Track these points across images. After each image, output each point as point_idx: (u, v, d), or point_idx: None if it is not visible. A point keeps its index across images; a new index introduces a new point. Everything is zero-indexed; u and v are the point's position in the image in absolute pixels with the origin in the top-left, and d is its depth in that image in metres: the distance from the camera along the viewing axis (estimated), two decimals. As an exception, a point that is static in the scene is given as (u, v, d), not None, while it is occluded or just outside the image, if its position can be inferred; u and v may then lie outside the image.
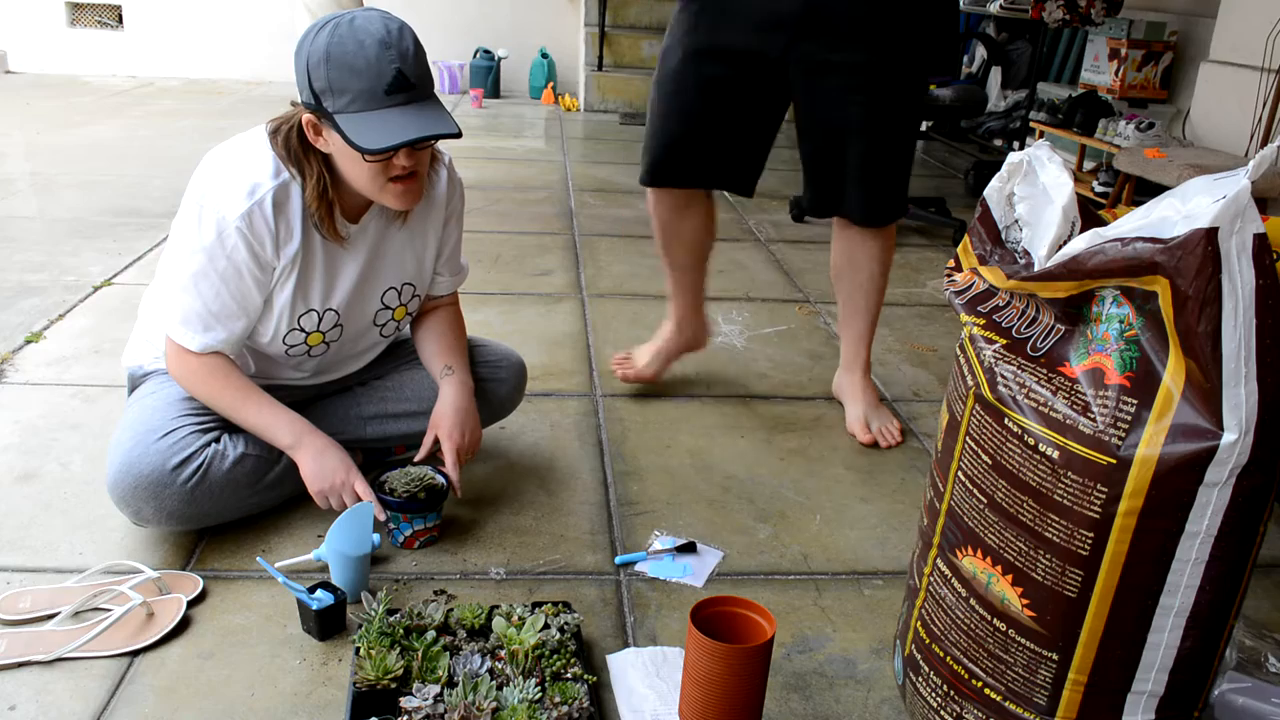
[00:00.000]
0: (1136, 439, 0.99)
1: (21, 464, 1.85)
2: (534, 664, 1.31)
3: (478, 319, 2.64)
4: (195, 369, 1.57)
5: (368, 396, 1.82)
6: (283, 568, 1.50)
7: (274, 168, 1.50)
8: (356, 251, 1.63)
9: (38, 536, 1.63)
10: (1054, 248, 1.08)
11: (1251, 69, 3.67)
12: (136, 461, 1.51)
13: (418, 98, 1.42)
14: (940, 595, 1.23)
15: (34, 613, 1.42)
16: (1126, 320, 1.02)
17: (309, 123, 1.46)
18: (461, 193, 1.77)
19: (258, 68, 7.13)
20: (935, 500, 1.25)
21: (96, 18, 7.19)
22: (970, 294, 1.18)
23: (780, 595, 1.60)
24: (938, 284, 3.32)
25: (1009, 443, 1.09)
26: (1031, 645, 1.11)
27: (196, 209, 1.50)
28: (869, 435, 2.11)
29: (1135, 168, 3.63)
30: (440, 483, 1.65)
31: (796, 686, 1.39)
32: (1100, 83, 4.50)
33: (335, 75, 1.38)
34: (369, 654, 1.29)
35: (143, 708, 1.28)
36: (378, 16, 1.41)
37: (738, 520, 1.79)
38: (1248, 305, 0.93)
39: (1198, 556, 1.01)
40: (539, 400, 2.22)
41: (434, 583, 1.57)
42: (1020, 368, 1.10)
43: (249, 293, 1.54)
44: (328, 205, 1.52)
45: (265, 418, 1.60)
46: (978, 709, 1.18)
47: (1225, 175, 0.97)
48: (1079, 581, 1.05)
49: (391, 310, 1.73)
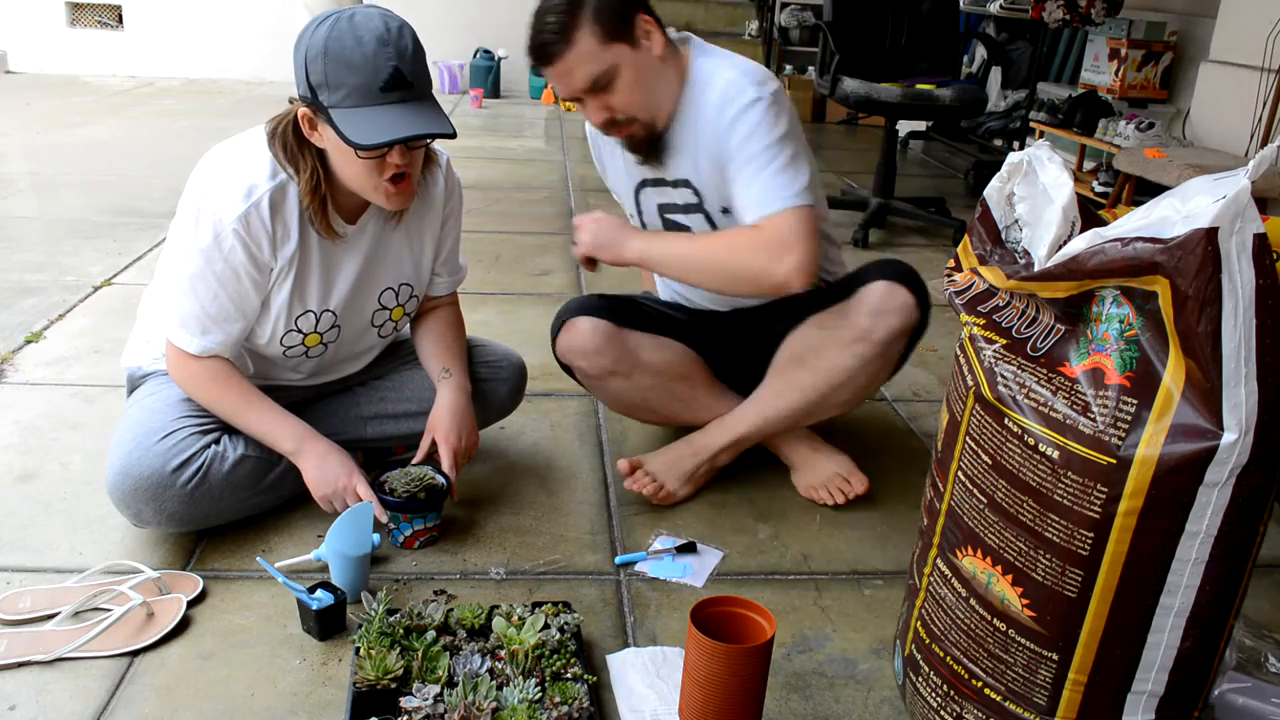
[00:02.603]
0: (1136, 439, 0.99)
1: (21, 464, 1.85)
2: (534, 664, 1.31)
3: (478, 319, 2.64)
4: (195, 373, 1.57)
5: (367, 397, 1.82)
6: (283, 568, 1.50)
7: (271, 169, 1.50)
8: (354, 252, 1.62)
9: (38, 536, 1.63)
10: (1054, 248, 1.08)
11: (1251, 69, 3.66)
12: (136, 463, 1.51)
13: (414, 96, 1.42)
14: (940, 595, 1.23)
15: (34, 613, 1.42)
16: (1126, 320, 1.02)
17: (305, 116, 1.46)
18: (459, 193, 1.77)
19: (257, 67, 7.13)
20: (935, 500, 1.25)
21: (96, 18, 7.19)
22: (970, 294, 1.18)
23: (780, 595, 1.60)
24: (938, 284, 3.32)
25: (1009, 443, 1.09)
26: (1031, 645, 1.11)
27: (194, 211, 1.50)
28: (826, 497, 1.84)
29: (1135, 168, 3.63)
30: (440, 483, 1.65)
31: (796, 686, 1.39)
32: (1100, 83, 4.50)
33: (332, 70, 1.38)
34: (369, 654, 1.29)
35: (143, 708, 1.28)
36: (378, 14, 1.41)
37: (738, 520, 1.79)
38: (1248, 305, 0.93)
39: (1198, 556, 1.01)
40: (539, 400, 2.22)
41: (434, 583, 1.57)
42: (1020, 368, 1.10)
43: (246, 295, 1.54)
44: (321, 201, 1.52)
45: (267, 423, 1.60)
46: (978, 709, 1.18)
47: (1225, 175, 0.97)
48: (1079, 581, 1.05)
49: (389, 311, 1.73)
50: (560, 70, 1.60)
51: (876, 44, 3.90)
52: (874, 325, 1.68)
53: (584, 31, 1.57)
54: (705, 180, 1.72)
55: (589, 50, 1.58)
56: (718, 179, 1.69)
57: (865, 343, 1.69)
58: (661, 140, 1.71)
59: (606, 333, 1.78)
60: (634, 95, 1.63)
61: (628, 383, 1.82)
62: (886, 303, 1.68)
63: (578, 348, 1.79)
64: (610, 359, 1.79)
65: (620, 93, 1.62)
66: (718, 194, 1.73)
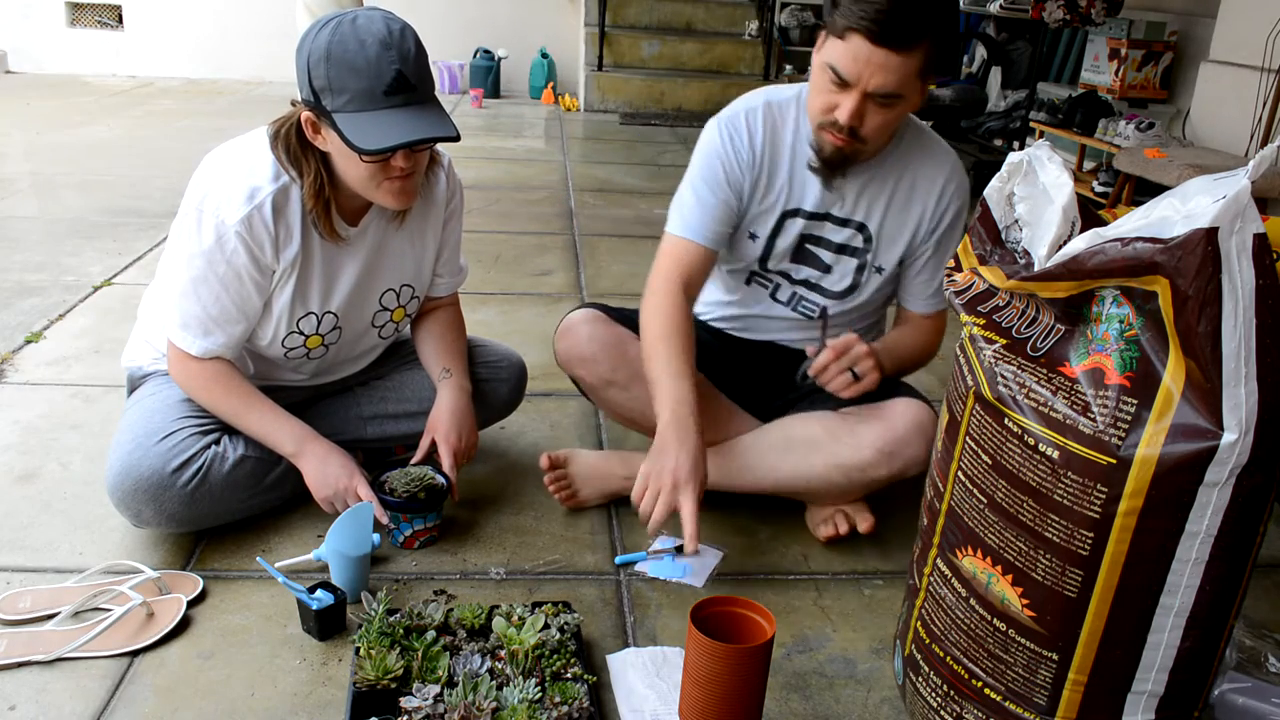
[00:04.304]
0: (1136, 439, 0.99)
1: (21, 464, 1.85)
2: (534, 664, 1.31)
3: (478, 319, 2.64)
4: (197, 374, 1.57)
5: (368, 397, 1.82)
6: (283, 568, 1.50)
7: (273, 171, 1.50)
8: (355, 254, 1.62)
9: (38, 536, 1.63)
10: (1054, 248, 1.08)
11: (1251, 69, 3.67)
12: (136, 464, 1.51)
13: (417, 99, 1.42)
14: (940, 595, 1.23)
15: (34, 613, 1.42)
16: (1126, 320, 1.02)
17: (308, 120, 1.46)
18: (461, 193, 1.77)
19: (257, 68, 7.12)
20: (935, 500, 1.25)
21: (96, 18, 7.19)
22: (970, 294, 1.18)
23: (780, 595, 1.60)
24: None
25: (1009, 443, 1.09)
26: (1031, 645, 1.11)
27: (196, 213, 1.49)
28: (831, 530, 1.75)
29: (1135, 168, 3.63)
30: (440, 483, 1.65)
31: (796, 686, 1.39)
32: (1100, 83, 4.50)
33: (335, 74, 1.38)
34: (369, 654, 1.29)
35: (143, 708, 1.28)
36: (380, 17, 1.41)
37: (738, 520, 1.79)
38: (1248, 305, 0.93)
39: (1198, 556, 1.01)
40: (539, 400, 2.21)
41: (434, 583, 1.57)
42: (1020, 368, 1.10)
43: (249, 297, 1.54)
44: (324, 204, 1.52)
45: (267, 424, 1.60)
46: (978, 709, 1.18)
47: (1225, 175, 0.97)
48: (1079, 581, 1.05)
49: (390, 312, 1.73)
50: (882, 59, 1.43)
51: (876, 44, 3.89)
52: (877, 463, 1.63)
53: (925, 50, 1.46)
54: (888, 234, 1.69)
55: (915, 69, 1.46)
56: (900, 244, 1.69)
57: (861, 472, 1.64)
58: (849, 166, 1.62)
59: (604, 339, 1.74)
60: (889, 127, 1.55)
61: (626, 394, 1.75)
62: (903, 448, 1.61)
63: (575, 354, 1.76)
64: (607, 367, 1.74)
65: (887, 116, 1.51)
66: (889, 253, 1.70)
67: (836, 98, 1.50)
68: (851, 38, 1.44)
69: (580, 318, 1.76)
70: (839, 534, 1.72)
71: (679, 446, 1.47)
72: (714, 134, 1.66)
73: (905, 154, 1.66)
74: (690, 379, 1.56)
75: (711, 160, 1.65)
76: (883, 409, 1.65)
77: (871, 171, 1.65)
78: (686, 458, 1.46)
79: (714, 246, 1.67)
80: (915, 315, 1.77)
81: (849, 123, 1.50)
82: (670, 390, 1.53)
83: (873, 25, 1.41)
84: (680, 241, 1.66)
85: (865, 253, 1.70)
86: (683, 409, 1.51)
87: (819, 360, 1.59)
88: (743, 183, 1.66)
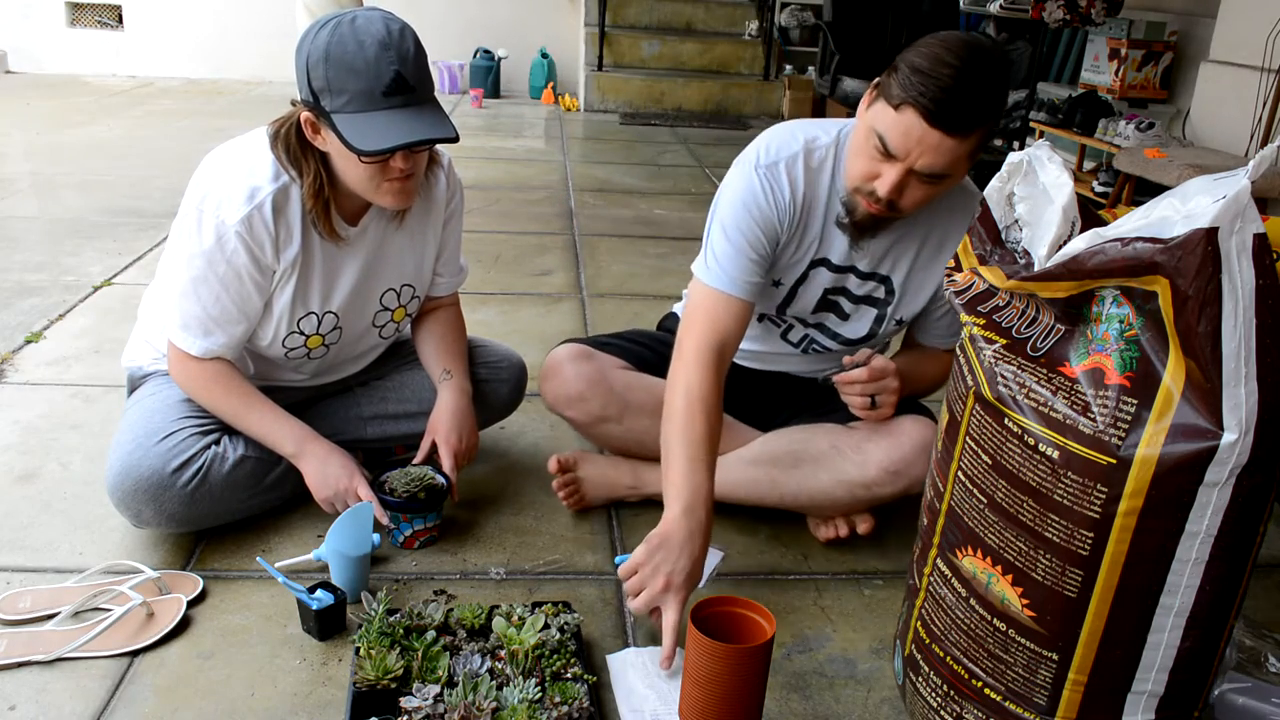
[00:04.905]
0: (1136, 439, 0.99)
1: (21, 464, 1.85)
2: (534, 664, 1.31)
3: (478, 319, 2.64)
4: (197, 375, 1.57)
5: (368, 397, 1.82)
6: (283, 568, 1.50)
7: (273, 171, 1.50)
8: (355, 254, 1.62)
9: (38, 536, 1.63)
10: (1054, 248, 1.08)
11: (1251, 69, 3.67)
12: (136, 464, 1.51)
13: (416, 100, 1.41)
14: (940, 595, 1.23)
15: (34, 613, 1.42)
16: (1126, 320, 1.02)
17: (307, 121, 1.46)
18: (461, 193, 1.77)
19: (257, 68, 7.12)
20: (935, 500, 1.25)
21: (96, 18, 7.19)
22: (970, 294, 1.18)
23: (780, 595, 1.60)
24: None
25: (1009, 443, 1.09)
26: (1031, 645, 1.11)
27: (196, 213, 1.49)
28: (831, 532, 1.74)
29: (1135, 168, 3.63)
30: (440, 483, 1.65)
31: (796, 686, 1.39)
32: (1100, 83, 4.50)
33: (334, 74, 1.37)
34: (369, 654, 1.29)
35: (143, 708, 1.28)
36: (379, 17, 1.40)
37: (738, 520, 1.79)
38: (1248, 305, 0.93)
39: (1198, 556, 1.01)
40: (539, 400, 2.20)
41: (434, 583, 1.57)
42: (1020, 368, 1.10)
43: (249, 297, 1.54)
44: (324, 204, 1.52)
45: (268, 425, 1.60)
46: (978, 709, 1.18)
47: (1225, 175, 0.97)
48: (1079, 581, 1.05)
49: (390, 312, 1.73)
50: (936, 140, 1.36)
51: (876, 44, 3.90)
52: (883, 482, 1.61)
53: (979, 136, 1.40)
54: (912, 288, 1.65)
55: (966, 151, 1.40)
56: (923, 298, 1.66)
57: (867, 490, 1.63)
58: (879, 230, 1.57)
59: (591, 376, 1.69)
60: (928, 200, 1.48)
61: (621, 428, 1.72)
62: (909, 467, 1.60)
63: (564, 395, 1.72)
64: (598, 404, 1.70)
65: (929, 191, 1.45)
66: (910, 305, 1.67)
67: (879, 167, 1.42)
68: (906, 111, 1.35)
69: (564, 355, 1.73)
70: (839, 535, 1.71)
71: (681, 551, 1.38)
72: (752, 182, 1.55)
73: (934, 208, 1.56)
74: (710, 468, 1.46)
75: (750, 210, 1.55)
76: (890, 427, 1.63)
77: (900, 230, 1.59)
78: (686, 562, 1.38)
79: (750, 299, 1.56)
80: (934, 349, 1.75)
81: (888, 197, 1.43)
82: (686, 479, 1.43)
83: (931, 105, 1.33)
84: (715, 295, 1.54)
85: (886, 304, 1.67)
86: (699, 508, 1.42)
87: (851, 374, 1.58)
88: (779, 236, 1.57)
